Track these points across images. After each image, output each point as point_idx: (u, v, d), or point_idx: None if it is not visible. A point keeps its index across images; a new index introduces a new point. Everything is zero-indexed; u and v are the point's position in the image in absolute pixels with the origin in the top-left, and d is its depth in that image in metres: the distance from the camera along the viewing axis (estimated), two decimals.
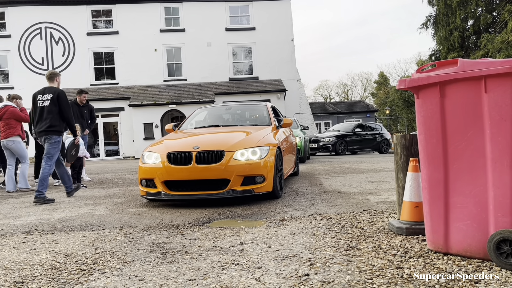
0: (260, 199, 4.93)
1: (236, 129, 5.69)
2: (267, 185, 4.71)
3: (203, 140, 5.04)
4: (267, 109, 6.59)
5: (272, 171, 4.76)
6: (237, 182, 4.56)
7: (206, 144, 4.76)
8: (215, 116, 6.75)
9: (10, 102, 7.10)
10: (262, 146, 4.83)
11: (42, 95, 5.87)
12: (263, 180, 4.67)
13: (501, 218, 2.16)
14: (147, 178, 4.81)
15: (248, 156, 4.66)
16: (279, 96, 21.66)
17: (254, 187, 4.63)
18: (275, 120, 6.39)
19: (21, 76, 21.89)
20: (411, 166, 2.93)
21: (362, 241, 2.82)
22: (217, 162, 4.54)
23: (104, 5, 22.85)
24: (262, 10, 23.35)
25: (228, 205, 4.69)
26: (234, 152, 4.61)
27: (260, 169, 4.64)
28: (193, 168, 4.54)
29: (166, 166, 4.64)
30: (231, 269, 2.33)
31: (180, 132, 5.88)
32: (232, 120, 6.69)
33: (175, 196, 4.64)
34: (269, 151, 4.81)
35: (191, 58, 22.84)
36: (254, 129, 5.65)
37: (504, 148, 2.14)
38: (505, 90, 2.12)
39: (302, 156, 11.99)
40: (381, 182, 6.34)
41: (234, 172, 4.53)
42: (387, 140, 18.89)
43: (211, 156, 4.57)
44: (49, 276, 2.35)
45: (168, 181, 4.66)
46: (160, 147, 5.02)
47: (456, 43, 23.10)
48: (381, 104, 45.56)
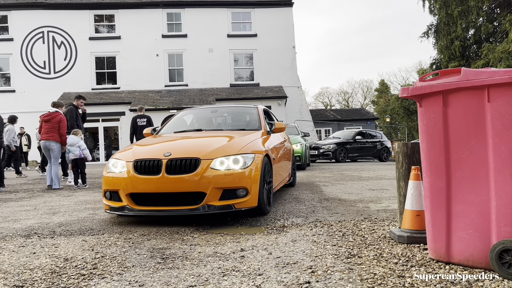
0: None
1: (220, 134, 5.03)
2: (251, 199, 4.02)
3: (177, 146, 4.45)
4: (257, 112, 5.83)
5: (257, 183, 4.08)
6: (214, 195, 3.87)
7: (179, 151, 4.12)
8: (199, 119, 6.00)
9: (58, 109, 8.04)
10: (246, 153, 4.17)
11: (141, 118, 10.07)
12: (246, 193, 3.99)
13: (503, 227, 2.15)
14: (111, 189, 4.17)
15: (229, 165, 4.00)
16: (280, 102, 21.69)
17: (235, 202, 3.94)
18: (267, 124, 5.64)
19: (23, 79, 21.94)
20: (413, 174, 2.92)
21: (363, 249, 2.81)
22: (191, 172, 3.87)
23: (107, 10, 22.94)
24: (264, 17, 23.45)
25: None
26: (212, 160, 3.96)
27: (242, 180, 3.97)
28: (163, 178, 3.87)
29: (132, 176, 3.98)
30: (231, 275, 2.31)
31: (158, 137, 5.21)
32: (218, 124, 6.03)
33: (141, 212, 3.97)
34: (255, 159, 4.16)
35: (193, 63, 22.89)
36: (240, 134, 4.95)
37: (507, 157, 2.13)
38: (508, 100, 2.12)
39: (303, 163, 11.86)
40: (382, 190, 6.33)
41: (211, 184, 3.86)
42: (387, 148, 18.90)
43: (184, 165, 3.91)
44: (49, 280, 2.34)
45: (134, 194, 4.00)
46: (128, 153, 4.35)
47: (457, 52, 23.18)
48: (381, 112, 45.60)
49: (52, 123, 7.75)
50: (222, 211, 3.89)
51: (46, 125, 7.81)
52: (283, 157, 5.86)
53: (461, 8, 22.61)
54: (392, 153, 19.16)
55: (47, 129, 7.78)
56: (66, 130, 7.91)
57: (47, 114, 7.85)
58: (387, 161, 18.21)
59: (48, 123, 7.79)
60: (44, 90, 21.25)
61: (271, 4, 23.55)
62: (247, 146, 4.36)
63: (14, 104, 21.16)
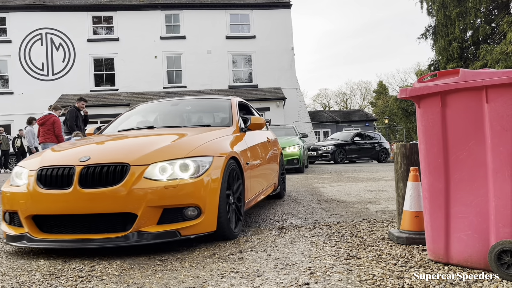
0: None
1: (172, 131, 3.94)
2: (206, 221, 2.95)
3: (102, 148, 3.34)
4: (230, 105, 4.57)
5: (216, 197, 3.01)
6: (150, 218, 2.79)
7: (101, 154, 3.02)
8: (155, 115, 4.88)
9: (53, 112, 8.10)
10: (201, 156, 3.07)
11: None
12: (198, 213, 2.92)
13: (502, 228, 2.15)
14: (10, 210, 3.06)
15: (174, 172, 2.92)
16: (278, 104, 21.70)
17: (182, 227, 2.85)
18: (242, 120, 4.46)
19: (21, 81, 21.90)
20: (412, 175, 2.92)
21: (362, 250, 2.80)
22: (115, 184, 2.77)
23: (105, 12, 22.94)
24: (263, 18, 23.48)
25: None
26: (148, 167, 2.87)
27: (193, 194, 2.88)
28: (75, 194, 2.77)
29: (33, 191, 2.88)
30: (230, 277, 2.31)
31: (93, 137, 4.07)
32: (178, 120, 4.66)
33: (42, 244, 2.83)
34: (213, 164, 3.06)
35: (191, 65, 22.89)
36: (198, 131, 3.83)
37: (505, 158, 2.14)
38: (506, 101, 2.12)
39: (300, 166, 11.24)
40: (381, 191, 6.33)
41: (145, 201, 2.76)
42: (385, 149, 18.92)
43: (106, 174, 2.80)
44: (47, 282, 2.33)
45: (38, 216, 2.90)
46: (35, 160, 3.21)
47: (455, 54, 23.26)
48: (380, 114, 45.68)
49: (47, 126, 7.87)
50: (160, 240, 2.78)
51: (42, 128, 7.93)
52: (265, 161, 4.71)
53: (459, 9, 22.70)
54: (390, 154, 19.18)
55: (43, 132, 7.90)
56: (61, 131, 7.99)
57: (42, 117, 7.97)
58: (386, 162, 18.22)
59: (43, 126, 7.91)
60: (42, 92, 21.22)
61: (270, 6, 23.58)
62: (203, 146, 3.24)
63: (12, 106, 21.14)
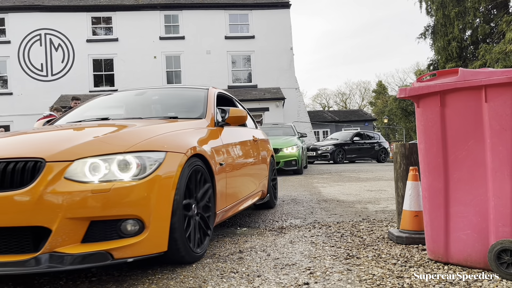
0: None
1: (121, 123, 3.08)
2: (152, 238, 2.21)
3: (12, 140, 2.47)
4: (205, 95, 3.82)
5: (167, 206, 2.28)
6: (70, 233, 2.05)
7: (11, 147, 2.28)
8: (115, 105, 4.16)
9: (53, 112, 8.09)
10: (147, 151, 2.31)
11: None
12: (140, 228, 2.18)
13: (501, 228, 2.16)
14: None
15: (110, 172, 2.16)
16: (278, 104, 21.70)
17: (115, 246, 2.10)
18: (218, 112, 3.67)
19: (20, 82, 21.88)
20: (411, 175, 2.92)
21: (362, 250, 2.81)
22: (22, 187, 2.03)
23: (104, 12, 22.93)
24: (262, 18, 23.47)
25: None
26: (71, 164, 2.12)
27: (133, 202, 2.15)
28: None
29: None
30: (230, 277, 2.31)
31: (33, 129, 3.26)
32: (140, 111, 3.85)
33: None
34: (165, 162, 2.32)
35: (191, 65, 22.89)
36: (155, 122, 3.06)
37: (505, 157, 2.14)
38: (506, 100, 2.13)
39: (299, 168, 10.51)
40: (380, 191, 6.33)
41: (62, 211, 2.02)
42: (385, 149, 18.94)
43: (10, 173, 2.07)
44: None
45: None
46: None
47: (454, 53, 23.28)
48: (379, 113, 45.69)
49: None
50: (83, 265, 2.02)
51: None
52: (249, 164, 4.05)
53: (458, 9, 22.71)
54: (390, 154, 19.20)
55: None
56: None
57: (42, 118, 7.97)
58: (385, 162, 18.24)
59: None
60: (42, 92, 21.21)
61: (269, 6, 23.58)
62: (154, 139, 2.46)
63: (12, 106, 21.13)
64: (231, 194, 3.36)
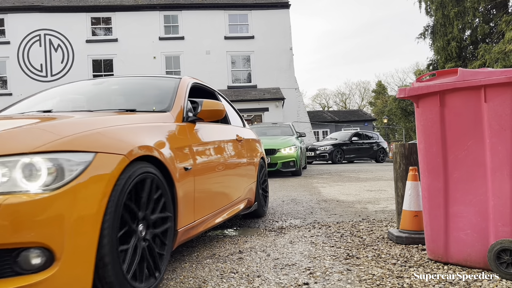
0: None
1: (53, 115, 2.34)
2: (63, 275, 1.53)
3: None
4: (176, 86, 3.17)
5: (91, 230, 1.62)
6: None
7: None
8: (67, 96, 3.50)
9: None
10: (68, 151, 1.66)
11: None
12: (47, 260, 1.51)
13: (501, 227, 2.16)
14: None
15: (11, 179, 1.52)
16: (278, 104, 21.71)
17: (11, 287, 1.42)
18: (189, 105, 3.03)
19: (20, 82, 21.89)
20: (411, 175, 2.93)
21: (361, 250, 2.81)
22: None
23: (104, 13, 22.93)
24: (261, 19, 23.48)
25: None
26: None
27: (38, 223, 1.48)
28: None
29: None
30: (230, 277, 2.31)
31: None
32: (92, 103, 3.19)
33: None
34: (91, 167, 1.68)
35: (190, 66, 22.88)
36: (99, 115, 2.36)
37: (504, 157, 2.14)
38: (505, 100, 2.13)
39: (297, 169, 10.09)
40: (380, 191, 6.33)
41: None
42: (383, 149, 18.95)
43: None
44: None
45: None
46: None
47: (453, 53, 23.28)
48: (379, 113, 45.69)
49: None
50: None
51: None
52: (230, 167, 3.41)
53: (457, 9, 22.71)
54: (389, 154, 19.21)
55: None
56: None
57: None
58: (384, 162, 18.24)
59: None
60: None
61: (268, 6, 23.59)
62: (80, 135, 1.79)
63: None
64: (202, 206, 2.74)
